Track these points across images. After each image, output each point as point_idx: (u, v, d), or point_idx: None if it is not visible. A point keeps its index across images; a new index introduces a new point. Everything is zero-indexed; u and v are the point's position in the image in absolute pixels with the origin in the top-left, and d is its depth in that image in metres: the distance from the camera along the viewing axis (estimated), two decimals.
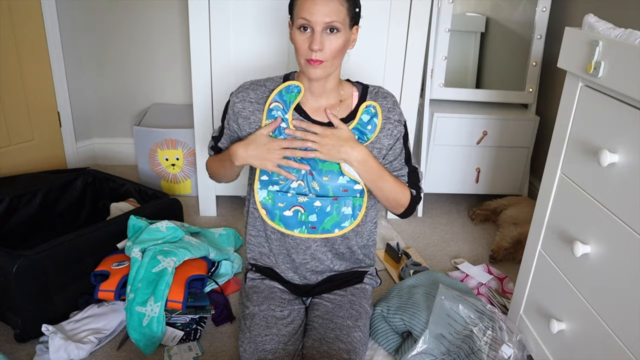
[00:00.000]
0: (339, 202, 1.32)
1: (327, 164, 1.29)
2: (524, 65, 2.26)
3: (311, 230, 1.35)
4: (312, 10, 1.15)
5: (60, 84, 2.41)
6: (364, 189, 1.33)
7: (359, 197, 1.34)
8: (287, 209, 1.33)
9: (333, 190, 1.31)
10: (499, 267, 1.94)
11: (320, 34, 1.17)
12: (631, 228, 1.00)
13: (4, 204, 1.75)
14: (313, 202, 1.32)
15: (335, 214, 1.33)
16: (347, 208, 1.33)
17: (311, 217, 1.33)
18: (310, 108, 1.32)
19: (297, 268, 1.42)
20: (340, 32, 1.19)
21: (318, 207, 1.32)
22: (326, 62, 1.20)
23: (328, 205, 1.32)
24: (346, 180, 1.30)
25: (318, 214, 1.33)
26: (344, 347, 1.29)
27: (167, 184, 2.39)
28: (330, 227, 1.35)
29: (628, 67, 0.97)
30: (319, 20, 1.16)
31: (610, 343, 1.06)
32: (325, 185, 1.30)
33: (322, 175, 1.30)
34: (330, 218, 1.33)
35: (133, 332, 1.41)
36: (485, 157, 2.27)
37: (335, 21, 1.16)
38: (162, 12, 2.46)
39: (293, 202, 1.32)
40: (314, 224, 1.34)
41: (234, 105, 1.34)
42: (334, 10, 1.16)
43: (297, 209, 1.33)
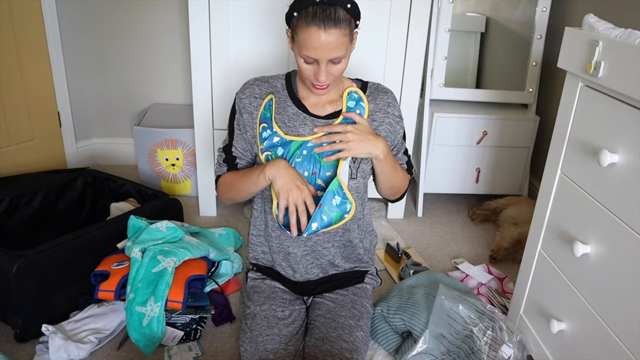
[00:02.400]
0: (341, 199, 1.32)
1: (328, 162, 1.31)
2: (524, 65, 2.26)
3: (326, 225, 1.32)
4: (316, 49, 1.15)
5: (60, 84, 2.41)
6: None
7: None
8: None
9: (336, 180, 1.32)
10: (499, 267, 1.94)
11: (325, 66, 1.18)
12: (631, 228, 1.00)
13: (4, 204, 1.75)
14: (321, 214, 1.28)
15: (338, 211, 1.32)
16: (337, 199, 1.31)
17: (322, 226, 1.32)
18: (310, 103, 1.33)
19: (297, 263, 1.42)
20: (344, 59, 1.20)
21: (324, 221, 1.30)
22: (332, 83, 1.25)
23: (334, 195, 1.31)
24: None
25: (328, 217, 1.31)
26: (346, 347, 1.29)
27: (167, 184, 2.39)
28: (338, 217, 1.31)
29: (628, 67, 0.97)
30: (323, 57, 1.16)
31: (610, 343, 1.06)
32: (329, 178, 1.31)
33: (325, 172, 1.31)
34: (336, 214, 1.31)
35: (133, 332, 1.41)
36: (485, 157, 2.27)
37: (339, 56, 1.17)
38: (162, 12, 2.46)
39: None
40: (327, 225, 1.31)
41: (241, 101, 1.35)
42: (337, 46, 1.15)
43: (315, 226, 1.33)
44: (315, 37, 1.13)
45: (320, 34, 1.13)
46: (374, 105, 1.34)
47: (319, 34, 1.13)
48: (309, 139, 1.29)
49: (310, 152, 1.29)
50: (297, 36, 1.18)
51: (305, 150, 1.30)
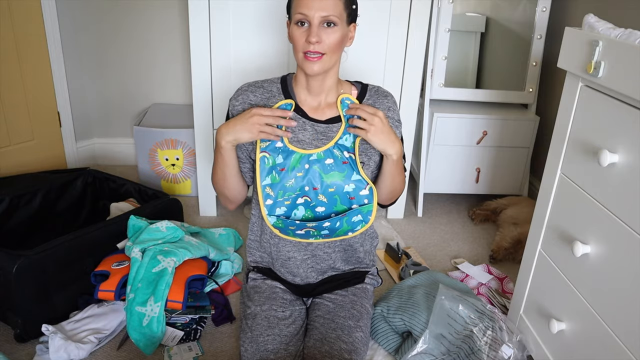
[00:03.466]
0: (348, 216, 1.29)
1: (331, 174, 1.27)
2: (524, 65, 2.26)
3: (326, 236, 1.33)
4: (309, 4, 1.17)
5: (60, 84, 2.41)
6: (371, 192, 1.29)
7: (367, 203, 1.29)
8: (299, 230, 1.30)
9: (340, 199, 1.28)
10: (499, 267, 1.94)
11: (317, 27, 1.18)
12: (631, 228, 1.00)
13: (4, 204, 1.75)
14: (322, 224, 1.28)
15: (346, 225, 1.30)
16: (357, 217, 1.30)
17: (323, 232, 1.31)
18: (308, 107, 1.32)
19: (297, 268, 1.42)
20: (337, 27, 1.19)
21: (327, 227, 1.29)
22: (324, 57, 1.20)
23: (337, 222, 1.29)
24: (352, 188, 1.28)
25: (329, 229, 1.30)
26: (346, 347, 1.29)
27: (167, 184, 2.39)
28: (344, 232, 1.32)
29: (628, 67, 0.97)
30: (316, 14, 1.17)
31: (610, 343, 1.06)
32: (332, 195, 1.28)
33: (327, 188, 1.27)
34: (341, 229, 1.31)
35: (133, 332, 1.41)
36: (485, 157, 2.27)
37: (332, 15, 1.17)
38: (162, 12, 2.46)
39: (302, 226, 1.29)
40: (327, 234, 1.32)
41: (234, 108, 1.33)
42: (330, 5, 1.17)
43: (309, 230, 1.30)
44: None
45: None
46: None
47: None
48: (313, 152, 1.27)
49: (313, 166, 1.27)
50: (292, 6, 1.21)
51: (307, 165, 1.27)
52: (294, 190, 1.28)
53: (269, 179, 1.28)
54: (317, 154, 1.27)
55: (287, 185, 1.27)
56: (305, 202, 1.29)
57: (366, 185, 1.28)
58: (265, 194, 1.28)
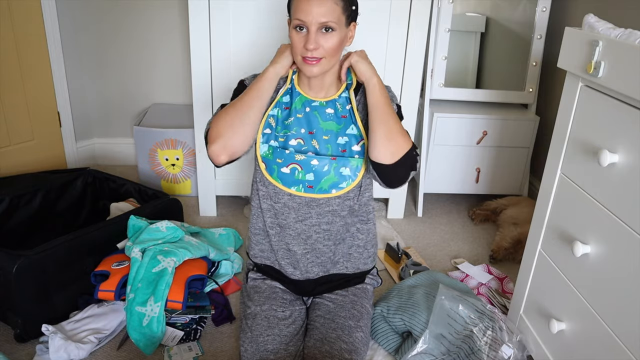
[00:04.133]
0: (337, 162, 1.30)
1: (328, 123, 1.31)
2: (524, 65, 2.26)
3: (308, 189, 1.33)
4: (306, 11, 1.17)
5: (60, 84, 2.41)
6: (363, 149, 1.32)
7: (358, 157, 1.32)
8: (285, 166, 1.31)
9: (332, 149, 1.31)
10: (499, 267, 1.94)
11: (315, 33, 1.19)
12: (631, 228, 1.00)
13: (4, 204, 1.75)
14: (310, 161, 1.30)
15: (333, 173, 1.31)
16: (345, 169, 1.31)
17: (308, 176, 1.31)
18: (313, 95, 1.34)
19: (297, 262, 1.42)
20: (336, 31, 1.20)
21: (315, 166, 1.30)
22: (323, 60, 1.22)
23: (326, 164, 1.30)
24: (344, 140, 1.32)
25: (315, 172, 1.31)
26: (346, 347, 1.29)
27: (167, 184, 2.39)
28: (327, 187, 1.32)
29: (628, 67, 0.97)
30: (313, 21, 1.17)
31: (610, 343, 1.06)
32: (325, 143, 1.31)
33: (322, 134, 1.31)
34: (327, 178, 1.32)
35: (133, 332, 1.41)
36: (485, 157, 2.27)
37: (330, 21, 1.18)
38: (162, 12, 2.46)
39: (290, 159, 1.31)
40: (310, 183, 1.32)
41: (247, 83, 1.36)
42: (328, 10, 1.17)
43: (294, 167, 1.31)
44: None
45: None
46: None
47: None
48: (316, 99, 1.33)
49: (313, 111, 1.32)
50: (292, 6, 1.22)
51: (308, 108, 1.32)
52: (290, 129, 1.31)
53: (276, 111, 1.34)
54: (319, 102, 1.33)
55: (286, 123, 1.32)
56: (298, 144, 1.32)
57: (360, 140, 1.32)
58: (267, 122, 1.33)
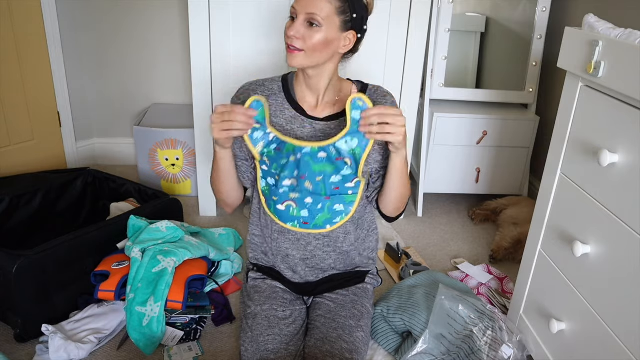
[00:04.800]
0: (331, 200, 1.30)
1: (320, 164, 1.26)
2: (524, 65, 2.26)
3: (303, 225, 1.33)
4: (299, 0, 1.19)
5: (60, 84, 2.41)
6: (357, 185, 1.30)
7: (351, 194, 1.31)
8: (280, 203, 1.32)
9: (326, 188, 1.29)
10: (499, 267, 1.94)
11: (301, 23, 1.19)
12: (631, 228, 1.00)
13: (4, 204, 1.75)
14: (304, 199, 1.30)
15: (327, 211, 1.31)
16: (339, 205, 1.31)
17: (303, 212, 1.32)
18: (307, 105, 1.33)
19: (296, 266, 1.42)
20: (321, 28, 1.18)
21: (309, 204, 1.30)
22: (304, 53, 1.20)
23: (319, 203, 1.30)
24: (338, 179, 1.28)
25: (309, 209, 1.31)
26: (347, 347, 1.29)
27: (167, 184, 2.39)
28: (322, 223, 1.33)
29: (628, 67, 0.97)
30: (301, 10, 1.18)
31: (610, 343, 1.06)
32: (318, 184, 1.28)
33: (315, 176, 1.27)
34: (321, 215, 1.32)
35: (133, 332, 1.41)
36: (485, 157, 2.27)
37: (315, 14, 1.17)
38: (162, 12, 2.46)
39: (285, 197, 1.31)
40: (305, 219, 1.33)
41: None
42: (319, 5, 1.17)
43: (289, 204, 1.31)
44: None
45: None
46: None
47: None
48: (306, 144, 1.25)
49: (304, 158, 1.26)
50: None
51: (299, 154, 1.26)
52: (283, 169, 1.28)
53: (266, 151, 1.29)
54: (310, 148, 1.26)
55: (280, 163, 1.28)
56: (291, 185, 1.29)
57: (353, 178, 1.29)
58: (262, 160, 1.30)
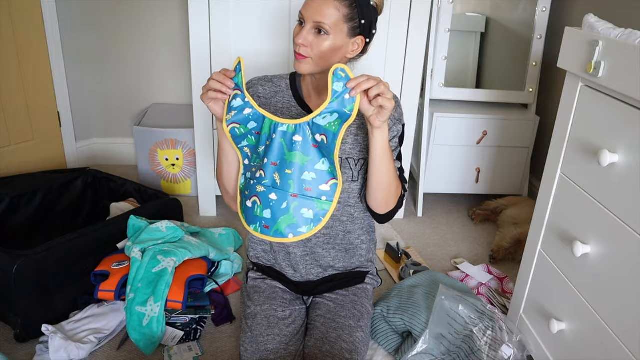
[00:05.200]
0: (299, 200, 1.14)
1: (293, 154, 1.13)
2: (524, 65, 2.26)
3: (264, 229, 1.18)
4: (308, 5, 1.18)
5: (60, 84, 2.41)
6: (333, 190, 1.16)
7: (325, 200, 1.15)
8: (248, 199, 1.20)
9: (296, 185, 1.14)
10: (499, 267, 1.94)
11: (307, 30, 1.18)
12: (631, 228, 1.00)
13: (4, 204, 1.75)
14: (269, 194, 1.15)
15: (292, 214, 1.15)
16: (308, 211, 1.15)
17: (265, 213, 1.16)
18: (314, 104, 1.33)
19: (297, 264, 1.42)
20: (329, 36, 1.18)
21: (273, 201, 1.15)
22: (312, 60, 1.20)
23: (284, 201, 1.14)
24: (311, 177, 1.14)
25: (272, 209, 1.15)
26: (346, 347, 1.29)
27: (167, 184, 2.39)
28: (283, 229, 1.16)
29: (628, 67, 0.97)
30: (309, 17, 1.18)
31: (610, 343, 1.06)
32: (287, 177, 1.14)
33: (285, 167, 1.13)
34: (285, 217, 1.15)
35: (133, 332, 1.41)
36: (485, 157, 2.27)
37: (323, 23, 1.16)
38: (163, 12, 2.46)
39: (253, 191, 1.18)
40: (267, 222, 1.17)
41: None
42: (326, 12, 1.16)
43: (255, 200, 1.18)
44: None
45: None
46: None
47: None
48: (284, 122, 1.13)
49: (280, 138, 1.13)
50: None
51: (275, 135, 1.13)
52: (260, 158, 1.17)
53: (246, 141, 1.18)
54: (287, 126, 1.13)
55: (259, 151, 1.17)
56: (260, 176, 1.17)
57: (329, 179, 1.13)
58: (243, 153, 1.21)
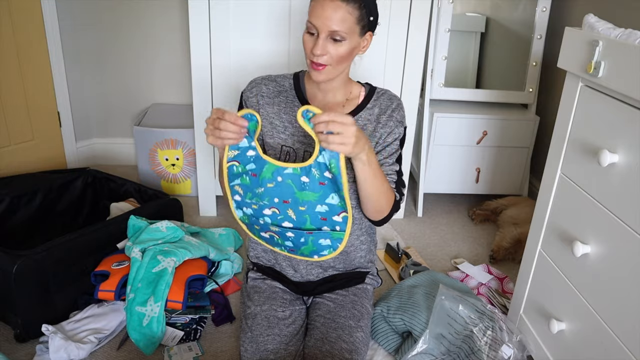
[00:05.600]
0: (315, 236, 1.21)
1: (304, 193, 1.15)
2: (524, 65, 2.26)
3: (290, 251, 1.29)
4: (319, 15, 1.16)
5: (60, 84, 2.41)
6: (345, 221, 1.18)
7: (339, 231, 1.20)
8: (263, 232, 1.27)
9: (311, 219, 1.18)
10: (499, 267, 1.94)
11: (324, 40, 1.17)
12: (631, 228, 1.00)
13: (4, 204, 1.75)
14: (285, 233, 1.22)
15: (311, 244, 1.23)
16: (325, 240, 1.22)
17: (287, 243, 1.26)
18: (317, 105, 1.33)
19: (297, 264, 1.42)
20: (345, 41, 1.18)
21: (291, 238, 1.23)
22: (329, 67, 1.21)
23: (302, 237, 1.21)
24: (324, 209, 1.16)
25: (293, 241, 1.24)
26: (346, 347, 1.29)
27: (167, 184, 2.39)
28: (308, 253, 1.26)
29: (628, 67, 0.97)
30: (324, 27, 1.16)
31: (610, 343, 1.06)
32: (302, 213, 1.18)
33: (298, 205, 1.17)
34: (306, 247, 1.24)
35: (133, 332, 1.41)
36: (485, 157, 2.27)
37: (339, 31, 1.16)
38: (163, 12, 2.46)
39: (266, 227, 1.24)
40: (291, 248, 1.27)
41: (248, 100, 1.35)
42: (340, 19, 1.15)
43: (272, 235, 1.26)
44: (321, 3, 1.16)
45: (326, 2, 1.15)
46: (379, 109, 1.33)
47: (325, 1, 1.15)
48: (288, 166, 1.14)
49: (286, 180, 1.15)
50: (309, 7, 1.20)
51: (280, 177, 1.15)
52: (262, 199, 1.18)
53: (239, 180, 1.19)
54: (292, 169, 1.14)
55: (256, 192, 1.18)
56: (273, 214, 1.20)
57: (340, 212, 1.16)
58: (233, 190, 1.21)
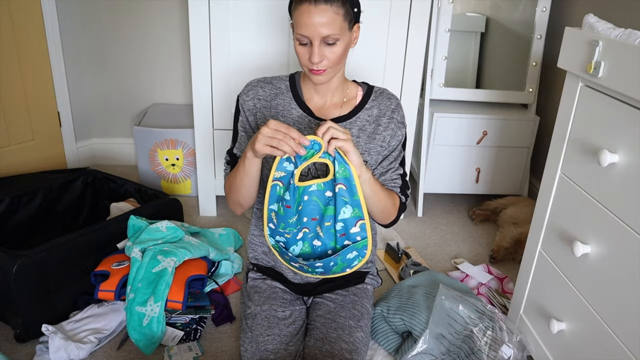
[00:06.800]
0: (341, 255, 1.24)
1: (328, 208, 1.21)
2: (524, 65, 2.26)
3: (322, 274, 1.31)
4: (308, 24, 1.15)
5: (60, 84, 2.41)
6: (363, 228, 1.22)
7: (360, 240, 1.23)
8: (293, 262, 1.29)
9: (334, 237, 1.24)
10: (499, 267, 1.94)
11: (318, 47, 1.17)
12: (631, 228, 1.00)
13: (4, 204, 1.75)
14: (314, 264, 1.25)
15: (341, 263, 1.26)
16: (352, 253, 1.25)
17: (317, 270, 1.28)
18: (314, 106, 1.33)
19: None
20: (339, 41, 1.18)
21: (320, 266, 1.26)
22: (330, 69, 1.21)
23: (330, 261, 1.25)
24: (340, 226, 1.21)
25: (323, 267, 1.27)
26: (346, 347, 1.29)
27: (167, 184, 2.39)
28: (340, 270, 1.29)
29: (628, 67, 0.97)
30: (315, 35, 1.16)
31: (610, 343, 1.06)
32: (329, 229, 1.23)
33: (324, 221, 1.22)
34: (337, 267, 1.27)
35: (133, 332, 1.41)
36: (485, 157, 2.27)
37: (332, 34, 1.16)
38: (162, 12, 2.46)
39: (294, 260, 1.27)
40: (323, 272, 1.29)
41: (245, 103, 1.34)
42: (329, 23, 1.15)
43: (301, 266, 1.28)
44: (306, 12, 1.14)
45: (311, 9, 1.13)
46: (378, 110, 1.33)
47: (310, 9, 1.13)
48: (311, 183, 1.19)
49: (312, 197, 1.20)
50: (293, 20, 1.19)
51: (306, 196, 1.20)
52: (294, 226, 1.23)
53: (276, 207, 1.23)
54: (317, 185, 1.20)
55: (289, 222, 1.22)
56: (304, 234, 1.25)
57: (357, 221, 1.21)
58: (269, 217, 1.25)
